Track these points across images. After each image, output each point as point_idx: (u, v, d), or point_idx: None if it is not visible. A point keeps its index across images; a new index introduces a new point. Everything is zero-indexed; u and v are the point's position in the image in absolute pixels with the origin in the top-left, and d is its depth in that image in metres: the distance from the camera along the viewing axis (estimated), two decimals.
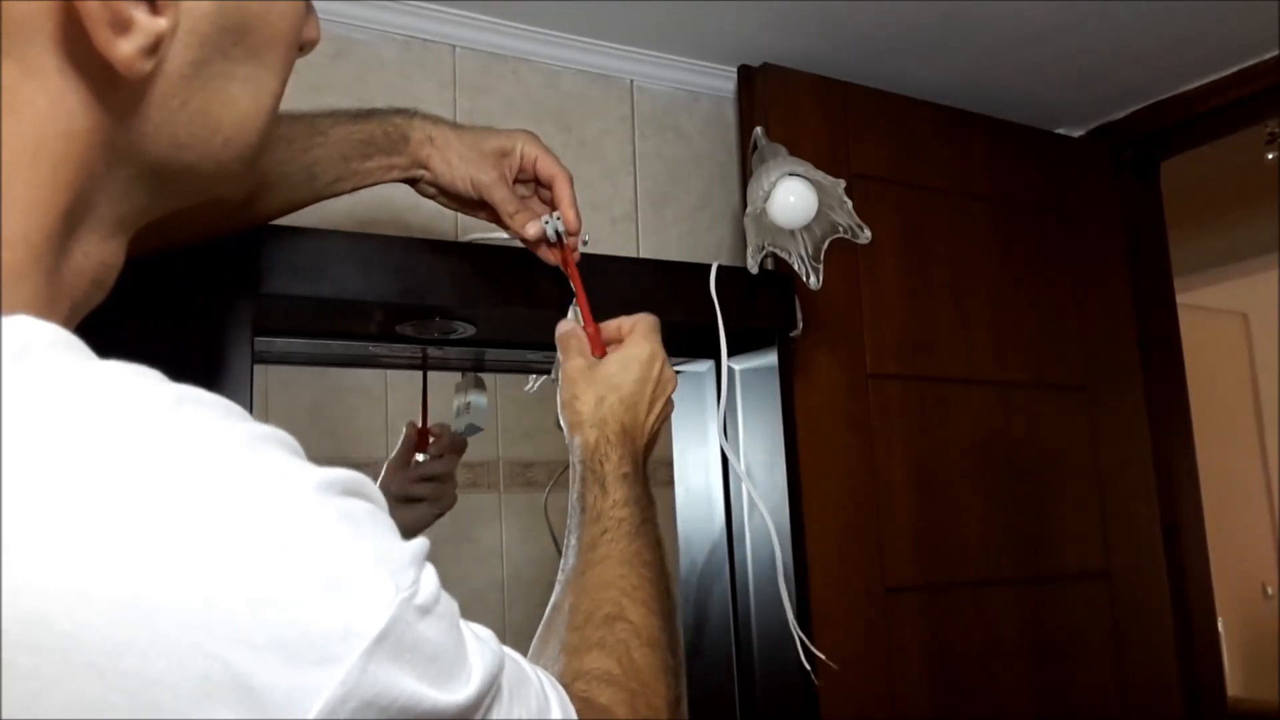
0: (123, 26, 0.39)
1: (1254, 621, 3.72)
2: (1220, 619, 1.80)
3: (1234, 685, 2.30)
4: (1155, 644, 1.60)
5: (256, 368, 0.91)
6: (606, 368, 0.82)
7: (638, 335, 0.85)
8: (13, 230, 0.39)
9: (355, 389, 1.38)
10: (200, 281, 0.87)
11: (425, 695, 0.36)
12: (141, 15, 0.40)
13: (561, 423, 0.82)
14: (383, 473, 1.19)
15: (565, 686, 0.49)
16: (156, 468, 0.32)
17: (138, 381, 0.35)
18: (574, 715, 0.47)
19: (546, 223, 0.90)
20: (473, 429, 1.27)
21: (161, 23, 0.40)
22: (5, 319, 0.34)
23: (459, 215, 1.23)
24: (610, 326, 0.88)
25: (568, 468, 0.80)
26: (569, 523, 0.76)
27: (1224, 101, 1.56)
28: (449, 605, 0.39)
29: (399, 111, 0.90)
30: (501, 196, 0.89)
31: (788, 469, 1.24)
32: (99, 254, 0.45)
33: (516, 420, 1.40)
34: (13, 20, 0.38)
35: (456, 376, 1.31)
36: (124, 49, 0.39)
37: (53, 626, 0.29)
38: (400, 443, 1.21)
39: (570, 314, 0.91)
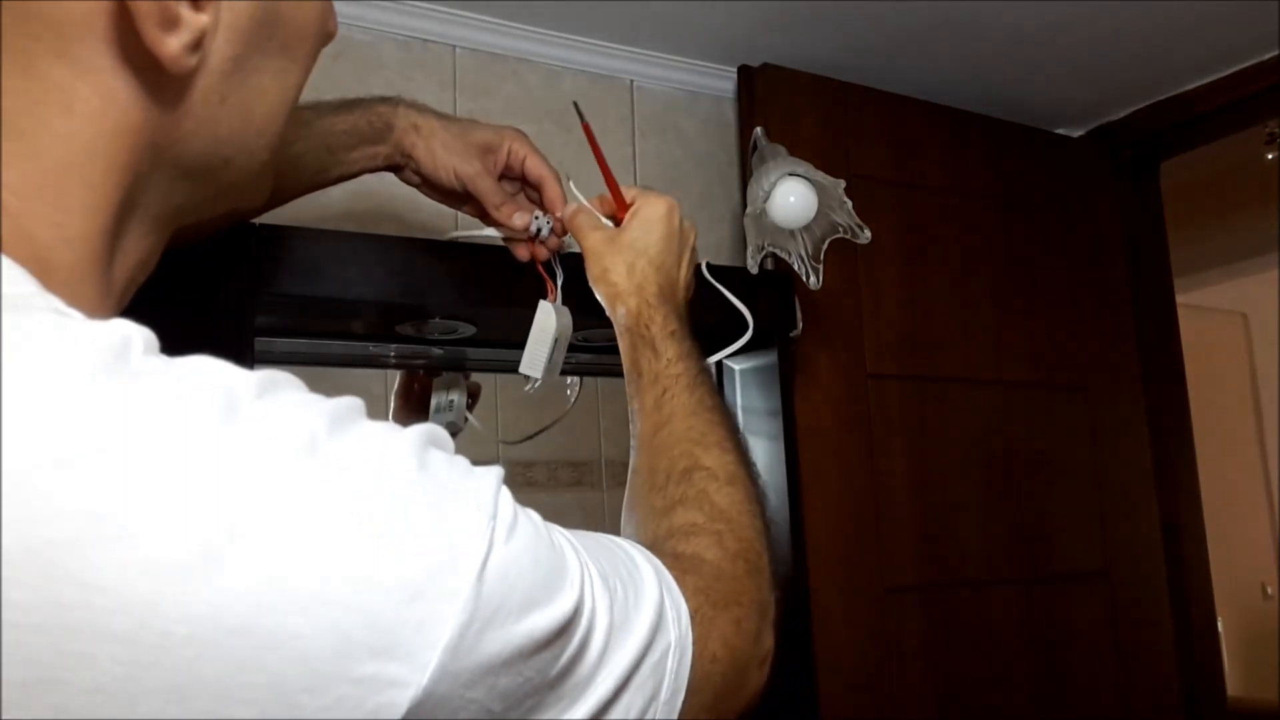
0: (171, 23, 0.41)
1: (1254, 621, 3.72)
2: (1220, 619, 1.80)
3: (1234, 685, 2.30)
4: (1155, 643, 1.60)
5: (257, 368, 0.91)
6: (628, 234, 0.83)
7: (648, 195, 0.86)
8: (73, 229, 0.41)
9: (355, 389, 1.38)
10: (201, 282, 0.87)
11: (538, 599, 0.39)
12: (187, 12, 0.41)
13: (599, 298, 0.83)
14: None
15: (654, 546, 0.52)
16: (271, 446, 0.36)
17: (217, 366, 0.40)
18: (662, 568, 0.50)
19: (536, 218, 0.90)
20: (453, 427, 1.27)
21: (204, 19, 0.42)
22: (107, 322, 0.36)
23: (459, 216, 1.23)
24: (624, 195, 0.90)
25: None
26: (628, 390, 0.78)
27: (1224, 101, 1.56)
28: (529, 515, 0.43)
29: (383, 100, 0.89)
30: (486, 188, 0.89)
31: (788, 469, 1.24)
32: (137, 252, 0.47)
33: (516, 420, 1.40)
34: (65, 21, 0.40)
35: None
36: (172, 45, 0.41)
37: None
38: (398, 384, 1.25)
39: (569, 194, 0.91)
